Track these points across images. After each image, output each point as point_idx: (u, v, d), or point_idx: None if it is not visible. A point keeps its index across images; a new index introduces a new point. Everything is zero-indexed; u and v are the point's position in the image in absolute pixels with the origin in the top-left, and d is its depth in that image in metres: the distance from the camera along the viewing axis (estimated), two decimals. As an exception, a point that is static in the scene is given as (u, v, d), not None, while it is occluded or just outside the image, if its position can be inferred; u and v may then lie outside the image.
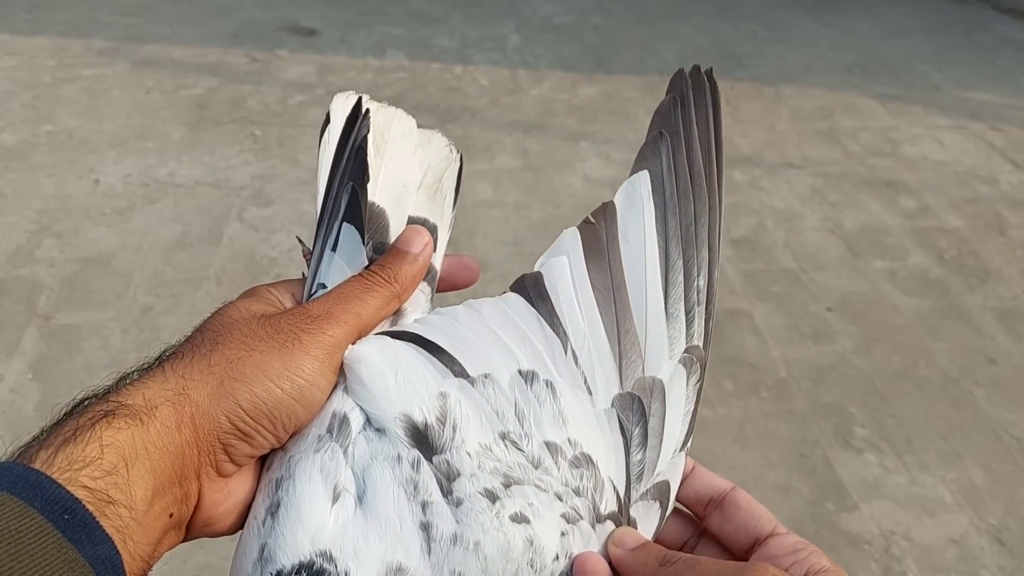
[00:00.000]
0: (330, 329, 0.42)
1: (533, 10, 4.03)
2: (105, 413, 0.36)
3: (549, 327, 0.43)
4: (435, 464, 0.39)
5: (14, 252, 2.25)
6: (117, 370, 0.40)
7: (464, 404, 0.41)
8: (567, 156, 2.79)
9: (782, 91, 3.32)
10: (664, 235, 0.45)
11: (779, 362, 1.98)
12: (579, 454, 0.40)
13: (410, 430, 0.40)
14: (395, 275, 0.45)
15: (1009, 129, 3.09)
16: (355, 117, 0.48)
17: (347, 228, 0.46)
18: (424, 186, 0.51)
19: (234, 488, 0.41)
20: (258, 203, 2.49)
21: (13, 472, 0.32)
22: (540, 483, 0.39)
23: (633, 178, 0.45)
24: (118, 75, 3.23)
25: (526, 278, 0.45)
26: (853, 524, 1.61)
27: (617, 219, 0.45)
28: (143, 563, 0.36)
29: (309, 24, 3.76)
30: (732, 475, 1.82)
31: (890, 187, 2.71)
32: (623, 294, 0.44)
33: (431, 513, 0.38)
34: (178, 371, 0.39)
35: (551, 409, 0.41)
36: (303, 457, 0.40)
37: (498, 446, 0.40)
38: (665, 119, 0.46)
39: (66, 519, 0.32)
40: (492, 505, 0.38)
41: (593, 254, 0.45)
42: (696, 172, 0.45)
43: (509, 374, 0.42)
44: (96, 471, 0.34)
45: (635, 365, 0.43)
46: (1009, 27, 4.05)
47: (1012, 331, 2.11)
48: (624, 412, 0.42)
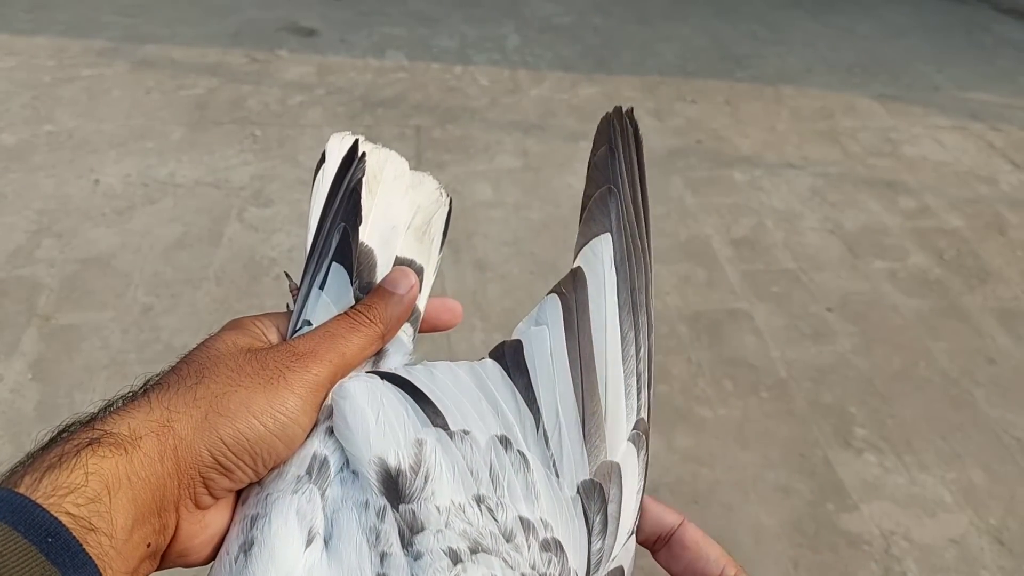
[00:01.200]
0: (314, 367, 0.42)
1: (533, 10, 4.03)
2: (90, 441, 0.36)
3: (524, 401, 0.42)
4: (401, 513, 0.39)
5: (14, 252, 2.25)
6: (117, 370, 0.41)
7: (439, 455, 0.40)
8: (567, 156, 2.79)
9: (782, 91, 3.32)
10: (618, 306, 0.43)
11: (779, 362, 1.98)
12: (550, 538, 0.39)
13: (382, 475, 0.40)
14: (380, 315, 0.45)
15: (1009, 129, 3.09)
16: (351, 158, 0.48)
17: (336, 268, 0.46)
18: (413, 228, 0.51)
19: (211, 520, 0.41)
20: (258, 203, 2.49)
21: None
22: (508, 559, 0.38)
23: (595, 242, 0.43)
24: (118, 75, 3.23)
25: (505, 346, 0.44)
26: (853, 524, 1.61)
27: (587, 288, 0.43)
28: None
29: (309, 24, 3.76)
30: (732, 475, 1.82)
31: (890, 187, 2.71)
32: (591, 371, 0.42)
33: (388, 565, 0.37)
34: (163, 402, 0.39)
35: (524, 480, 0.40)
36: (280, 497, 0.40)
37: (472, 508, 0.39)
38: (603, 172, 0.44)
39: (50, 542, 0.32)
40: (453, 567, 0.37)
41: (567, 326, 0.43)
42: (635, 230, 0.44)
43: (487, 436, 0.41)
44: (80, 498, 0.34)
45: (599, 449, 0.41)
46: (1009, 27, 4.05)
47: (1012, 331, 2.11)
48: (588, 499, 0.41)
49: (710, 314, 2.12)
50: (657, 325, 1.93)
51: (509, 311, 2.06)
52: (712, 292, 2.20)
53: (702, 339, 2.04)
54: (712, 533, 0.44)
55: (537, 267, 2.24)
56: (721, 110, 3.16)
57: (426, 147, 2.82)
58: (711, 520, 1.60)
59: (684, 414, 1.83)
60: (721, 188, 2.65)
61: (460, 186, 2.60)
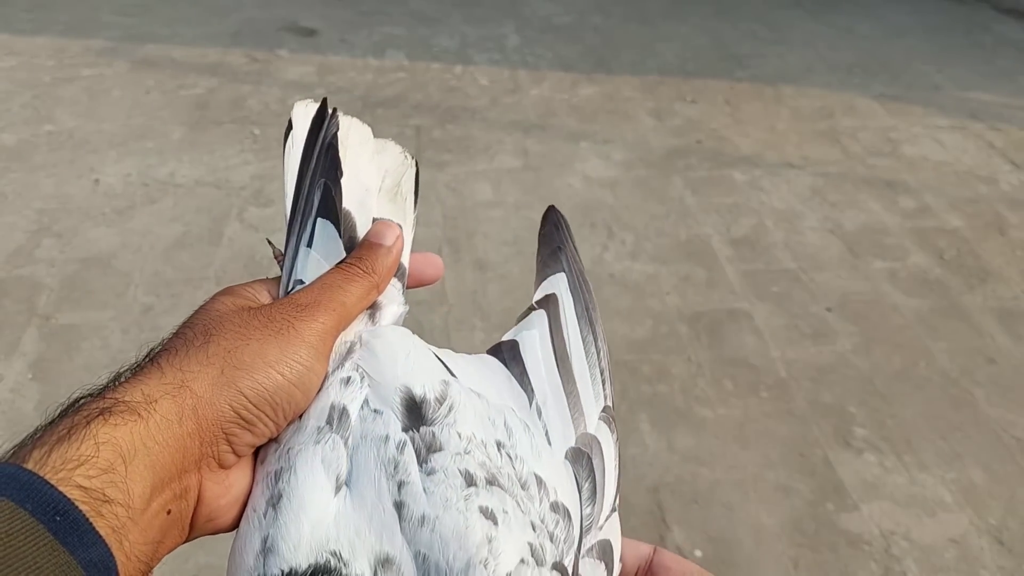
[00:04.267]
0: (320, 317, 0.43)
1: (533, 10, 4.03)
2: (101, 411, 0.35)
3: (518, 384, 0.46)
4: (421, 434, 0.40)
5: (14, 252, 2.25)
6: (115, 370, 0.40)
7: (464, 398, 0.42)
8: (567, 156, 2.79)
9: (782, 91, 3.32)
10: (576, 316, 0.50)
11: (779, 362, 1.98)
12: (558, 502, 0.41)
13: (406, 401, 0.41)
14: (372, 266, 0.46)
15: (1009, 129, 3.09)
16: (319, 121, 0.50)
17: (322, 223, 0.47)
18: (384, 190, 0.52)
19: (235, 480, 0.40)
20: (258, 203, 2.49)
21: (4, 473, 0.32)
22: (521, 503, 0.39)
23: (553, 277, 0.51)
24: (118, 75, 3.23)
25: (503, 344, 0.48)
26: (853, 524, 1.61)
27: (559, 304, 0.50)
28: (142, 564, 0.35)
29: (309, 24, 3.76)
30: (732, 475, 1.82)
31: (890, 187, 2.71)
32: (566, 361, 0.47)
33: (405, 493, 0.38)
34: (175, 365, 0.39)
35: (530, 443, 0.42)
36: (303, 448, 0.40)
37: (493, 449, 0.40)
38: (550, 238, 0.53)
39: (58, 521, 0.31)
40: (466, 487, 0.38)
41: (552, 329, 0.49)
42: (581, 273, 0.53)
43: (498, 400, 0.44)
44: (91, 470, 0.33)
45: (579, 422, 0.45)
46: (1009, 27, 4.05)
47: (1012, 331, 2.11)
48: (575, 465, 0.43)
49: (710, 314, 2.12)
50: (657, 324, 1.92)
51: (509, 311, 2.06)
52: (712, 292, 2.20)
53: (702, 339, 2.04)
54: (712, 533, 0.45)
55: (537, 267, 2.24)
56: (721, 110, 3.16)
57: (426, 147, 2.82)
58: (711, 520, 1.60)
59: (684, 414, 1.83)
60: (721, 188, 2.65)
61: (460, 186, 2.60)
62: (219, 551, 1.48)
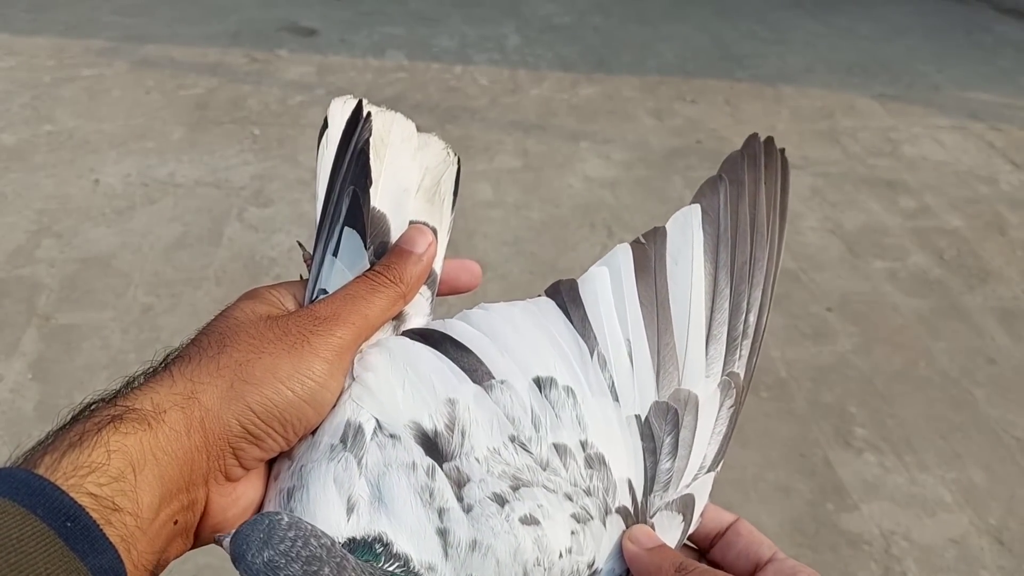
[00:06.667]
0: (338, 331, 0.41)
1: (533, 10, 4.03)
2: (112, 418, 0.35)
3: (578, 332, 0.44)
4: (446, 471, 0.39)
5: (14, 252, 2.25)
6: (117, 370, 0.40)
7: (473, 410, 0.41)
8: (567, 156, 2.79)
9: (782, 91, 3.31)
10: (714, 264, 0.46)
11: (779, 362, 1.98)
12: (591, 454, 0.41)
13: (420, 437, 0.40)
14: (400, 275, 0.45)
15: (1009, 129, 3.09)
16: (355, 121, 0.48)
17: (348, 232, 0.45)
18: (423, 189, 0.51)
19: (242, 492, 0.40)
20: (258, 203, 2.49)
21: (16, 478, 0.32)
22: (549, 484, 0.40)
23: (685, 209, 0.47)
24: (118, 75, 3.23)
25: (561, 284, 0.46)
26: (853, 524, 1.61)
27: (667, 242, 0.47)
28: (147, 573, 0.35)
29: (309, 24, 3.76)
30: (732, 475, 1.82)
31: (890, 187, 2.71)
32: (666, 310, 0.45)
33: (448, 519, 0.38)
34: (186, 374, 0.38)
35: (570, 414, 0.41)
36: (315, 467, 0.39)
37: (507, 449, 0.40)
38: (732, 168, 0.48)
39: (69, 527, 0.31)
40: (501, 509, 0.38)
41: (641, 270, 0.46)
42: (759, 222, 0.47)
43: (528, 379, 0.42)
44: (102, 477, 0.33)
45: (671, 377, 0.44)
46: (1009, 27, 4.05)
47: (1012, 331, 2.11)
48: (657, 420, 0.43)
49: (710, 314, 2.12)
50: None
51: (509, 311, 2.05)
52: (712, 292, 2.20)
53: (702, 339, 2.04)
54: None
55: (537, 267, 2.24)
56: (721, 110, 3.15)
57: (426, 147, 2.82)
58: (711, 520, 1.60)
59: (684, 414, 1.83)
60: (721, 188, 2.65)
61: (460, 186, 2.60)
62: (219, 552, 1.47)
